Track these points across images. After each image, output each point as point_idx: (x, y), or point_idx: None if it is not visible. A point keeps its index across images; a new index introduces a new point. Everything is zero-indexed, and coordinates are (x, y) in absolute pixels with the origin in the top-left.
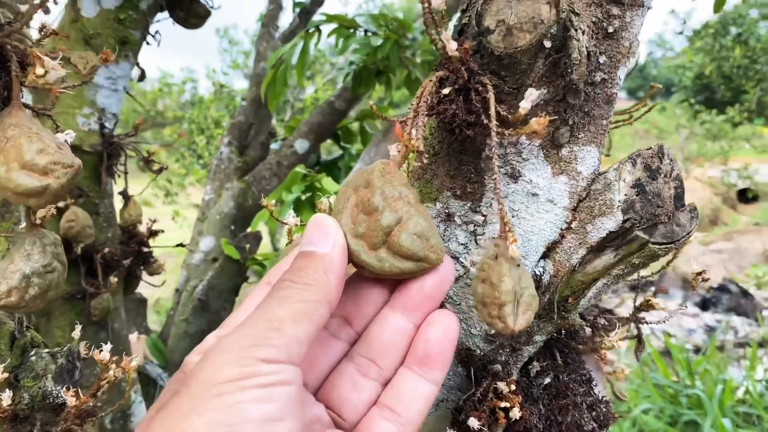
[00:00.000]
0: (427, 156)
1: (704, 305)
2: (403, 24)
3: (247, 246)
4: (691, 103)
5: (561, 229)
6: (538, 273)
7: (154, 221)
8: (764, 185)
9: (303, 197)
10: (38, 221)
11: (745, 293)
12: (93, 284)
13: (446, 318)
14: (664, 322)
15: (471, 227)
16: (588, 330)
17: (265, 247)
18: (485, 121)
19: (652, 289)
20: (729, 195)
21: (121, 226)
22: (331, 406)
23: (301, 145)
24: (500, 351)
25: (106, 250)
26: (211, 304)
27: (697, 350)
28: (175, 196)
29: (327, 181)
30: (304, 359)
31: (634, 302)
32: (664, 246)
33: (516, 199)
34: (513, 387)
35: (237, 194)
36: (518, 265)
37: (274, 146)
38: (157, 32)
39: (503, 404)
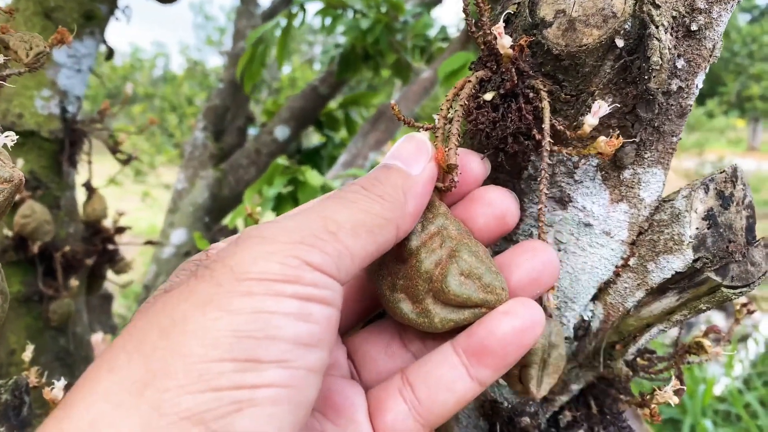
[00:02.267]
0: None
1: None
2: (394, 6)
3: (220, 238)
4: None
5: (616, 266)
6: (586, 318)
7: (121, 215)
8: None
9: (284, 191)
10: None
11: None
12: (52, 286)
13: (528, 310)
14: (706, 361)
15: None
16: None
17: None
18: (537, 136)
19: (702, 326)
20: None
21: (84, 221)
22: (353, 357)
23: (281, 132)
24: (530, 402)
25: (67, 248)
26: None
27: (675, 345)
28: (145, 176)
29: (311, 174)
30: (349, 286)
31: (677, 341)
32: (738, 290)
33: (564, 229)
34: None
35: (212, 184)
36: (550, 316)
37: (252, 132)
38: (127, 7)
39: None
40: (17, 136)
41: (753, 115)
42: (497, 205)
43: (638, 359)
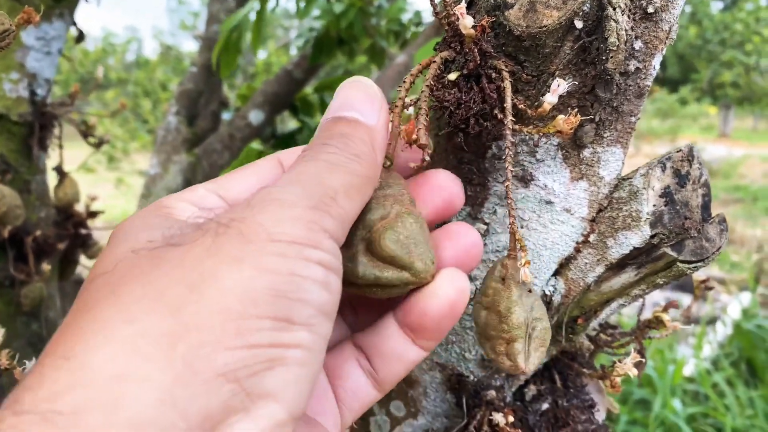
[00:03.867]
0: (430, 151)
1: None
2: None
3: None
4: None
5: (577, 242)
6: (548, 293)
7: (93, 199)
8: (708, 163)
9: None
10: None
11: None
12: (23, 270)
13: (453, 285)
14: (665, 336)
15: None
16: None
17: None
18: (499, 115)
19: (661, 302)
20: None
21: (55, 206)
22: None
23: (255, 117)
24: (495, 376)
25: (38, 232)
26: None
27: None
28: (119, 162)
29: None
30: None
31: (639, 316)
32: (693, 264)
33: (526, 207)
34: (511, 419)
35: (185, 168)
36: (530, 291)
37: (225, 116)
38: None
39: (498, 418)
40: None
41: (724, 103)
42: (446, 189)
43: (601, 335)
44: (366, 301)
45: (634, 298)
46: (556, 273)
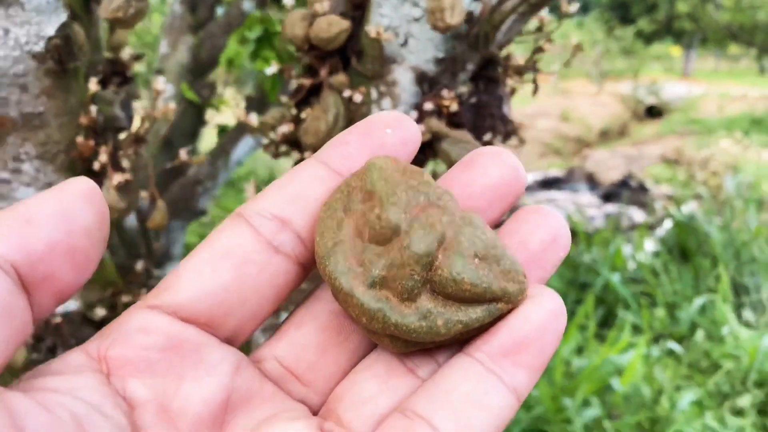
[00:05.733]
0: None
1: (607, 198)
2: None
3: (204, 92)
4: (606, 19)
5: None
6: (471, 10)
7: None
8: (668, 102)
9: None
10: None
11: (642, 187)
12: None
13: (548, 296)
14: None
15: None
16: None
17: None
18: None
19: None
20: (637, 110)
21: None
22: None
23: (248, 5)
24: (444, 74)
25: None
26: (175, 143)
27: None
28: None
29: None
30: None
31: (532, 54)
32: None
33: None
34: (453, 94)
35: (192, 47)
36: None
37: (220, 11)
38: None
39: (446, 102)
40: None
41: (686, 43)
42: (506, 167)
43: (509, 62)
44: None
45: (522, 15)
46: None
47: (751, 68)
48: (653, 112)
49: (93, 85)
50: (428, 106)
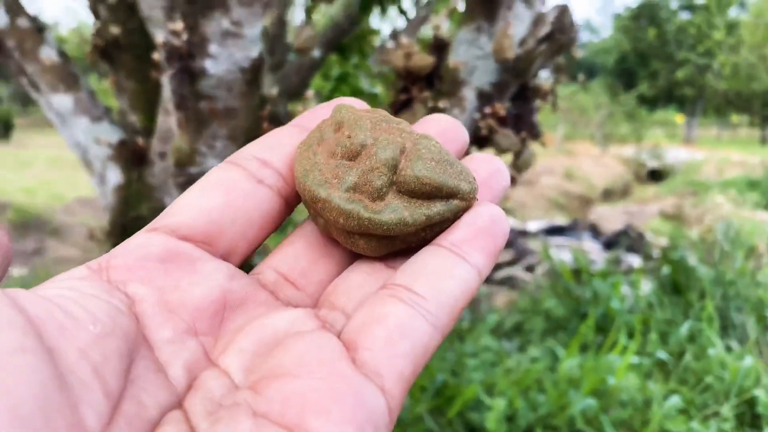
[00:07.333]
0: None
1: (608, 246)
2: None
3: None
4: (610, 84)
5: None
6: (518, 52)
7: None
8: (670, 166)
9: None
10: None
11: (640, 236)
12: None
13: (497, 206)
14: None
15: None
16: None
17: None
18: None
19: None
20: (639, 172)
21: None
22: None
23: (316, 53)
24: (496, 93)
25: None
26: None
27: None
28: None
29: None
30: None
31: (554, 82)
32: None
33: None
34: (501, 106)
35: (273, 82)
36: None
37: (290, 58)
38: None
39: (497, 110)
40: None
41: (689, 110)
42: (452, 131)
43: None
44: None
45: (546, 58)
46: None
47: (752, 137)
48: (655, 176)
49: (273, 90)
50: (487, 110)
